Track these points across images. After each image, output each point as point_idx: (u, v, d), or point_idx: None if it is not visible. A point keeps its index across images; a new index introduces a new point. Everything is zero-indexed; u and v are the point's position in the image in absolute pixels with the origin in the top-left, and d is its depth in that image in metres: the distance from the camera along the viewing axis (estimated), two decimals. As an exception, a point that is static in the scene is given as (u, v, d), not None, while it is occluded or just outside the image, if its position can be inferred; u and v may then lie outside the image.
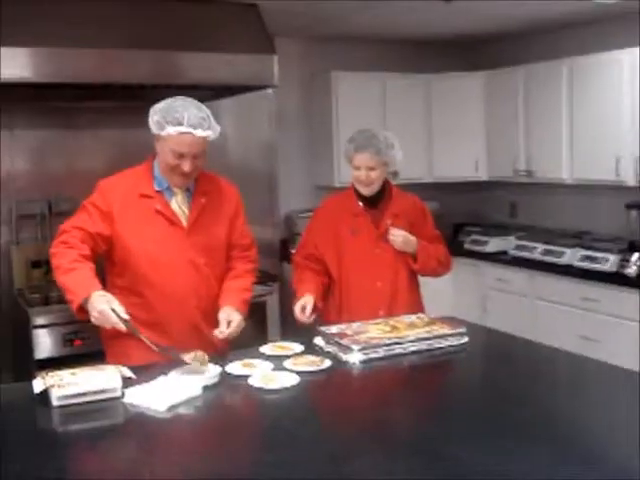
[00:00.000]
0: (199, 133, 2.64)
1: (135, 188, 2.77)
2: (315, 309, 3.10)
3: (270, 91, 4.87)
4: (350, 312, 3.13)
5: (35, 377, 2.32)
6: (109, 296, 2.54)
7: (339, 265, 3.25)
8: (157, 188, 2.78)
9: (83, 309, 2.54)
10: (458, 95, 5.89)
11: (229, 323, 2.72)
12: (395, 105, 5.79)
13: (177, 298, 2.76)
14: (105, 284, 2.76)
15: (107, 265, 2.85)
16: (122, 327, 2.48)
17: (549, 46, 5.62)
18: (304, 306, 3.06)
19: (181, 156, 2.66)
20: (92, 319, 2.52)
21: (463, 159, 5.91)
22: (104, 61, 3.86)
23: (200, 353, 2.42)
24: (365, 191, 3.24)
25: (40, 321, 3.85)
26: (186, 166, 2.68)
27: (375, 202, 3.28)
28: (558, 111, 5.20)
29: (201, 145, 2.69)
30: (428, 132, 5.97)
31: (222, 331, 2.70)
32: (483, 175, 5.94)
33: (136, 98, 4.53)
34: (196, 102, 2.73)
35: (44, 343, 3.85)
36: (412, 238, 3.22)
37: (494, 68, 5.84)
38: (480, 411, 2.14)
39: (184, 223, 2.78)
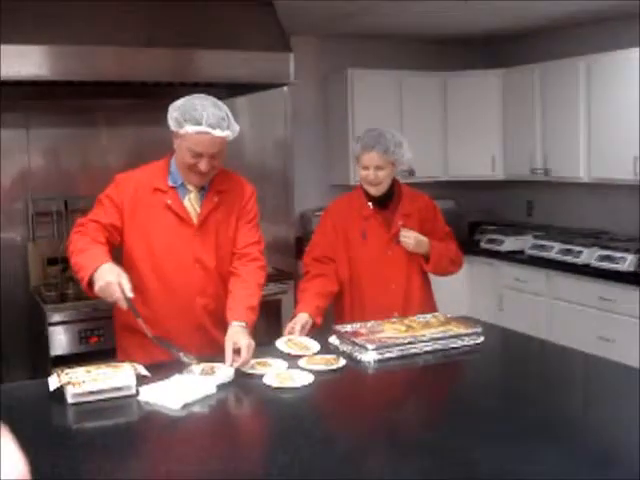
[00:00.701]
0: (217, 133, 2.60)
1: (149, 182, 2.76)
2: (314, 325, 2.98)
3: (286, 89, 4.86)
4: (364, 315, 3.08)
5: (50, 374, 2.33)
6: (119, 270, 2.46)
7: (350, 268, 3.21)
8: (171, 184, 2.76)
9: (92, 285, 2.47)
10: (474, 93, 5.87)
11: (238, 350, 2.47)
12: (411, 103, 5.78)
13: (182, 296, 2.74)
14: None
15: None
16: (123, 304, 2.42)
17: (566, 44, 5.58)
18: (295, 327, 2.91)
19: (198, 155, 2.64)
20: (96, 288, 2.43)
21: (479, 157, 5.89)
22: (120, 59, 3.87)
23: (209, 366, 2.39)
24: (373, 191, 3.20)
25: (56, 318, 3.87)
26: (203, 166, 2.65)
27: (385, 203, 3.24)
28: (575, 109, 5.16)
29: (219, 145, 2.65)
30: (444, 130, 5.95)
31: (235, 360, 2.44)
32: (499, 174, 5.91)
33: (152, 96, 4.54)
34: (216, 100, 2.69)
35: (60, 340, 3.87)
36: (424, 239, 3.19)
37: (511, 66, 5.81)
38: (494, 412, 2.12)
39: (194, 221, 2.76)
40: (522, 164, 5.66)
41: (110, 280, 2.41)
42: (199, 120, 2.58)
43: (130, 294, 2.43)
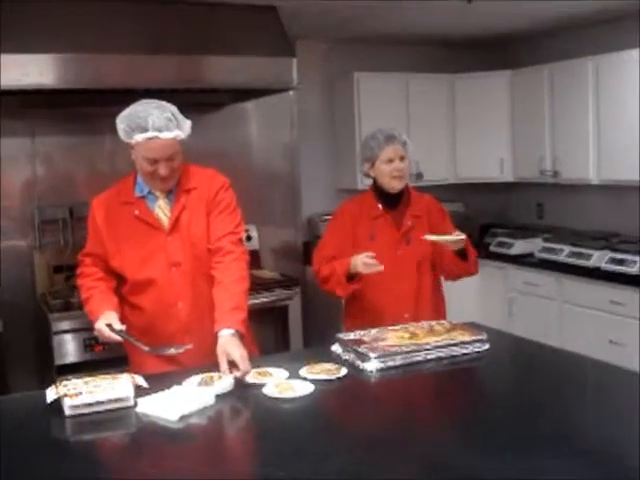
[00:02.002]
0: (166, 135, 2.56)
1: (117, 197, 2.77)
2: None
3: (292, 93, 4.85)
4: (374, 316, 3.07)
5: (55, 383, 2.32)
6: (108, 314, 2.62)
7: None
8: (138, 194, 2.74)
9: None
10: (482, 95, 5.82)
11: (232, 362, 2.40)
12: (418, 106, 5.74)
13: (165, 302, 2.72)
14: None
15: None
16: (116, 338, 2.58)
17: (574, 44, 5.53)
18: (365, 257, 2.93)
19: (154, 162, 2.60)
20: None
21: (488, 160, 5.84)
22: (124, 66, 3.87)
23: (208, 376, 2.37)
24: (399, 185, 3.18)
25: (61, 327, 3.87)
26: (162, 170, 2.61)
27: (395, 204, 3.23)
28: (584, 110, 5.11)
29: (172, 147, 2.60)
30: (452, 133, 5.91)
31: (234, 374, 2.38)
32: (508, 176, 5.86)
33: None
34: (160, 102, 2.64)
35: (65, 349, 3.87)
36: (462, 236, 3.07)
37: (518, 67, 5.77)
38: (500, 423, 2.08)
39: (165, 226, 2.72)
40: (531, 166, 5.62)
41: (98, 327, 2.61)
42: (145, 126, 2.54)
43: (119, 327, 2.58)
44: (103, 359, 3.86)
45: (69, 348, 3.86)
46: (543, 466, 1.75)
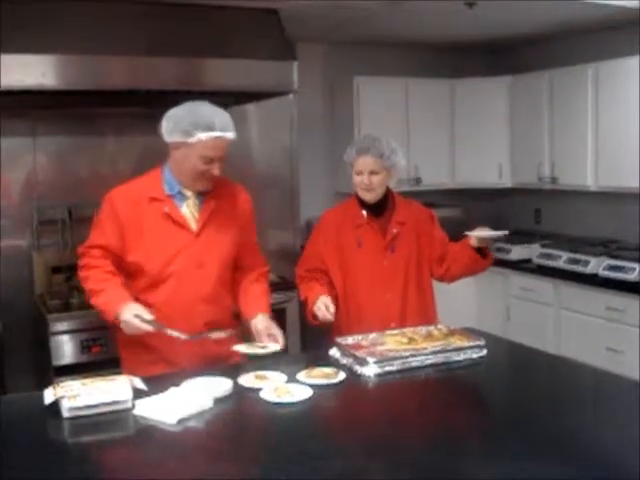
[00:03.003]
0: (230, 136, 2.67)
1: (145, 193, 2.76)
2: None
3: (292, 96, 4.84)
4: (361, 326, 3.02)
5: (52, 383, 2.33)
6: (132, 305, 2.61)
7: (344, 278, 3.17)
8: (168, 192, 2.77)
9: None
10: (482, 100, 5.83)
11: (270, 336, 2.72)
12: (418, 110, 5.75)
13: (184, 302, 2.73)
14: None
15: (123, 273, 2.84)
16: (148, 327, 2.57)
17: (574, 51, 5.54)
18: (326, 304, 2.96)
19: (211, 161, 2.66)
20: (122, 327, 2.62)
21: (487, 165, 5.85)
22: (126, 68, 3.87)
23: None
24: (368, 197, 3.14)
25: (58, 327, 3.85)
26: (216, 170, 2.69)
27: (380, 211, 3.20)
28: (583, 117, 5.12)
29: (227, 148, 2.71)
30: (451, 138, 5.92)
31: (267, 346, 2.68)
32: (507, 181, 5.87)
33: (158, 104, 4.54)
34: (213, 105, 2.72)
35: (62, 349, 3.85)
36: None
37: (518, 73, 5.78)
38: (496, 429, 2.09)
39: (194, 227, 2.76)
40: (530, 172, 5.63)
41: (126, 318, 2.58)
42: (211, 126, 2.61)
43: (149, 317, 2.58)
44: (101, 360, 3.85)
45: (67, 349, 3.85)
46: (540, 472, 1.76)
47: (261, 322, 2.75)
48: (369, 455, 1.91)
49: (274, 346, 2.67)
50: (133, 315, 2.56)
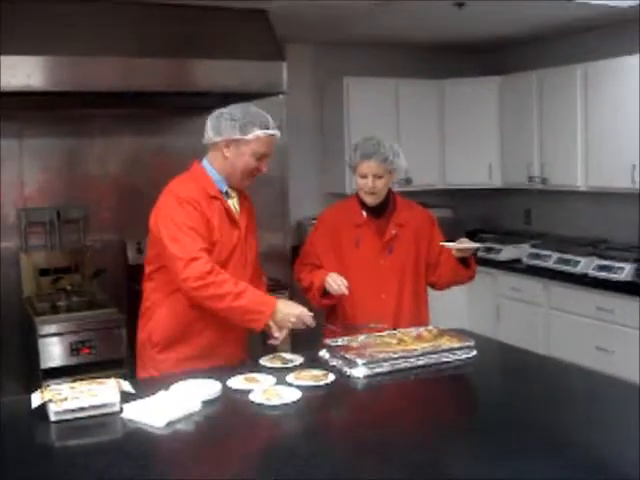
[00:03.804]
0: (278, 135, 2.79)
1: (204, 191, 2.76)
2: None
3: (281, 97, 4.84)
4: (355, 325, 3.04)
5: (41, 386, 2.31)
6: (289, 302, 2.73)
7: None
8: (220, 190, 2.81)
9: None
10: (471, 101, 5.84)
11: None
12: (408, 111, 5.75)
13: None
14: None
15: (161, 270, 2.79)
16: (312, 323, 2.67)
17: (563, 51, 5.56)
18: (338, 279, 2.96)
19: (263, 157, 2.76)
20: (288, 324, 2.64)
21: (477, 165, 5.86)
22: (114, 69, 3.85)
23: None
24: (370, 200, 3.16)
25: (47, 330, 3.83)
26: (265, 166, 2.79)
27: (379, 212, 3.20)
28: (572, 117, 5.13)
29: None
30: (441, 138, 5.92)
31: (277, 337, 2.69)
32: (497, 182, 5.88)
33: (145, 105, 4.53)
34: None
35: (51, 352, 3.83)
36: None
37: (508, 73, 5.78)
38: (486, 430, 2.08)
39: (242, 225, 2.84)
40: (519, 172, 5.63)
41: (299, 312, 2.65)
42: (267, 124, 2.74)
43: (310, 313, 2.68)
44: (89, 362, 3.84)
45: (55, 351, 3.83)
46: (530, 473, 1.75)
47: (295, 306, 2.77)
48: (358, 456, 1.91)
49: (298, 359, 2.70)
50: (299, 313, 2.65)
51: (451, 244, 3.07)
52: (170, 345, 2.77)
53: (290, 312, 2.64)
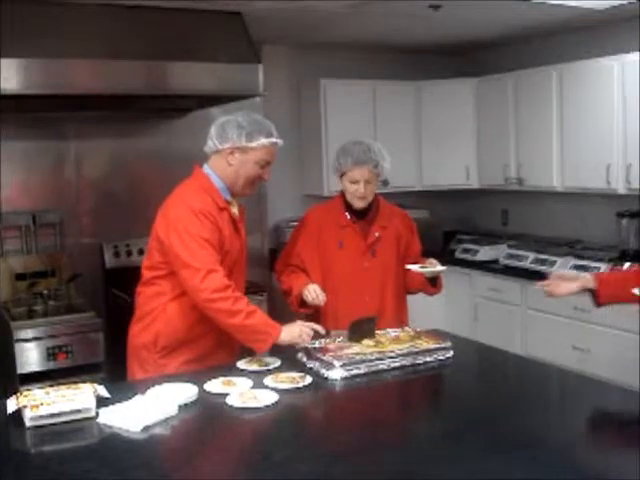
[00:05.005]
0: (280, 143, 2.83)
1: (214, 202, 2.76)
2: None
3: (258, 99, 4.83)
4: (337, 327, 3.03)
5: (18, 392, 2.29)
6: (288, 327, 2.69)
7: (324, 278, 3.17)
8: (225, 199, 2.82)
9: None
10: (448, 102, 5.86)
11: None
12: (385, 113, 5.76)
13: None
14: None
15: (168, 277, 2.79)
16: (311, 335, 2.72)
17: (539, 53, 5.59)
18: (316, 290, 2.98)
19: (266, 164, 2.80)
20: (299, 340, 2.69)
21: (454, 167, 5.88)
22: (90, 72, 3.84)
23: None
24: (362, 204, 3.17)
25: (23, 335, 3.80)
26: (267, 174, 2.84)
27: (363, 214, 3.22)
28: (548, 118, 5.17)
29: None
30: (418, 140, 5.93)
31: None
32: (474, 183, 5.91)
33: (122, 108, 4.51)
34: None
35: (27, 357, 3.80)
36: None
37: (484, 75, 5.81)
38: (463, 430, 2.09)
39: (243, 233, 2.89)
40: (496, 173, 5.66)
41: (297, 334, 2.67)
42: (271, 132, 2.79)
43: (318, 327, 2.77)
44: (66, 367, 3.82)
45: (32, 357, 3.80)
46: (507, 473, 1.76)
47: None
48: (335, 459, 1.91)
49: (275, 361, 2.70)
50: (300, 332, 2.69)
51: (416, 267, 3.10)
52: (176, 348, 2.79)
53: (294, 334, 2.66)
